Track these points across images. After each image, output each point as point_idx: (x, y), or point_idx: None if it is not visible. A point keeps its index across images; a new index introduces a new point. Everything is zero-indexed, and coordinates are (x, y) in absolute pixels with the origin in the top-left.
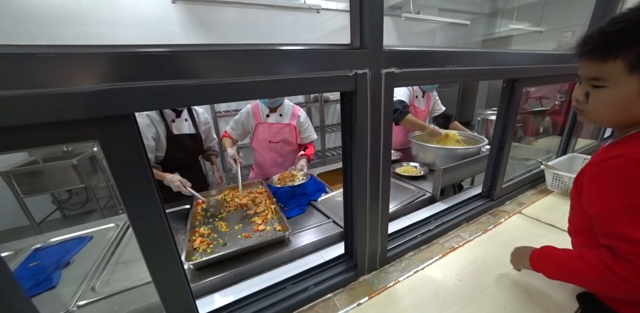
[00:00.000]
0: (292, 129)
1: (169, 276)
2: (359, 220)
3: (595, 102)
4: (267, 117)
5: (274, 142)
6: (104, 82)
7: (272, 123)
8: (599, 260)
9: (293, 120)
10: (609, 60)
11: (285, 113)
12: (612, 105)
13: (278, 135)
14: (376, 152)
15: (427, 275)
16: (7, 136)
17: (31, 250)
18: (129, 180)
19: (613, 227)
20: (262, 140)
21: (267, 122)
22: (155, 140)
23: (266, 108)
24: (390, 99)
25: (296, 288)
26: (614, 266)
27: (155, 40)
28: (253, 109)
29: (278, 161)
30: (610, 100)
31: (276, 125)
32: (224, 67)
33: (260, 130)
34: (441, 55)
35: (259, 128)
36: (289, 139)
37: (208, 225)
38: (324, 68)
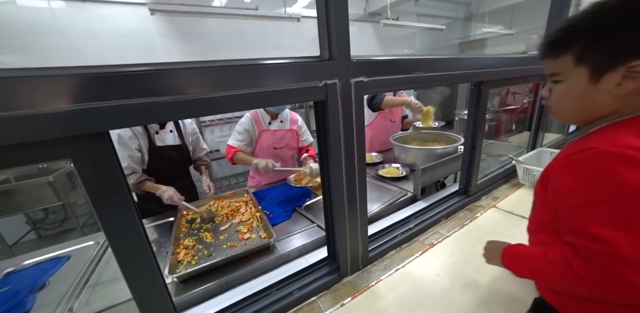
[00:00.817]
0: (294, 133)
1: (150, 293)
2: (338, 223)
3: (555, 96)
4: (269, 124)
5: (279, 148)
6: (74, 103)
7: (276, 130)
8: (560, 258)
9: (294, 125)
10: (560, 55)
11: (285, 119)
12: (568, 98)
13: (282, 141)
14: (350, 157)
15: (408, 272)
16: None
17: (2, 274)
18: (104, 198)
19: (577, 222)
20: (266, 147)
21: (270, 129)
22: (139, 150)
23: (267, 115)
24: (360, 106)
25: (280, 293)
26: (574, 264)
27: (135, 51)
28: (254, 117)
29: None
30: (565, 92)
31: (279, 131)
32: (197, 84)
33: (264, 138)
34: (408, 63)
35: (263, 135)
36: (291, 143)
37: (193, 236)
38: (296, 80)
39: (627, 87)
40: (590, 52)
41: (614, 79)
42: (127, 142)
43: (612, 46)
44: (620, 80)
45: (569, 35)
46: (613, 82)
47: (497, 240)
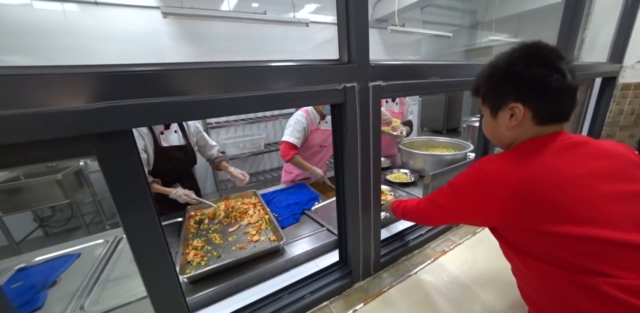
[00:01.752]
0: None
1: (165, 291)
2: (352, 227)
3: (482, 127)
4: (318, 123)
5: (324, 146)
6: (100, 100)
7: (325, 129)
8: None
9: None
10: (477, 97)
11: (329, 120)
12: (486, 129)
13: (328, 140)
14: (366, 160)
15: (420, 279)
16: (7, 154)
17: (14, 270)
18: (126, 195)
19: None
20: (313, 144)
21: (320, 129)
22: (144, 150)
23: (318, 115)
24: (377, 109)
25: (292, 297)
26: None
27: (145, 53)
28: (308, 116)
29: (317, 163)
30: (484, 124)
31: (327, 131)
32: (218, 84)
33: (314, 136)
34: (425, 68)
35: (314, 134)
36: None
37: (201, 237)
38: (314, 82)
39: (513, 121)
40: (486, 97)
41: (505, 116)
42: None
43: (495, 93)
44: (509, 117)
45: (477, 85)
46: (505, 118)
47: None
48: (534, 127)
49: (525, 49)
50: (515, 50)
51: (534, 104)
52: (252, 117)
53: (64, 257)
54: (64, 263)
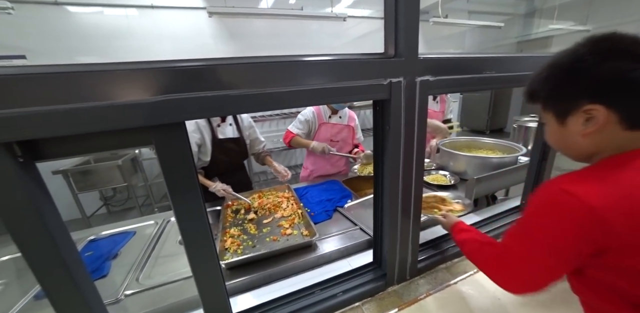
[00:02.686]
0: (351, 129)
1: (207, 273)
2: (389, 229)
3: (545, 137)
4: (329, 117)
5: (335, 141)
6: (160, 94)
7: (335, 123)
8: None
9: (351, 122)
10: (535, 103)
11: (344, 116)
12: (552, 138)
13: (339, 134)
14: (409, 160)
15: (461, 291)
16: (80, 142)
17: (86, 241)
18: (178, 181)
19: None
20: (323, 139)
21: (330, 123)
22: (199, 145)
23: (328, 110)
24: (424, 106)
25: (324, 294)
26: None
27: (191, 51)
28: (316, 110)
29: (333, 160)
30: (549, 134)
31: (338, 125)
32: (262, 78)
33: (323, 130)
34: (478, 61)
35: (322, 127)
36: (347, 139)
37: (238, 226)
38: (358, 77)
39: (591, 127)
40: (548, 102)
41: (578, 121)
42: (189, 135)
43: (560, 97)
44: (583, 121)
45: (532, 90)
46: (578, 123)
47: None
48: (622, 132)
49: (595, 44)
50: (582, 46)
51: (619, 104)
52: (287, 112)
53: (123, 234)
54: (123, 239)
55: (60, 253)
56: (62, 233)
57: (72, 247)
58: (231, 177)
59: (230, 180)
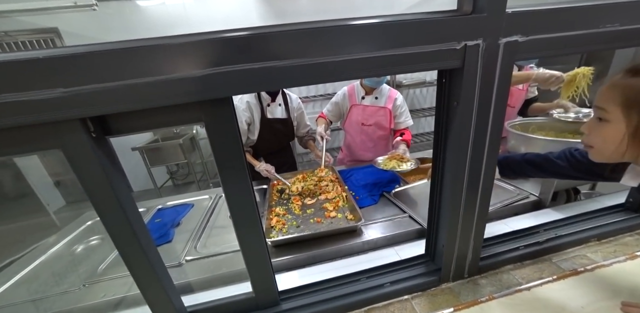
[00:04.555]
0: (387, 112)
1: (254, 248)
2: (448, 219)
3: None
4: (362, 99)
5: (367, 125)
6: (208, 67)
7: (367, 105)
8: None
9: (389, 104)
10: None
11: (381, 96)
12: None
13: (371, 118)
14: (480, 142)
15: (536, 299)
16: (140, 119)
17: (156, 209)
18: (226, 158)
19: None
20: (355, 122)
21: (362, 104)
22: (249, 124)
23: (362, 89)
24: (507, 78)
25: (371, 282)
26: None
27: None
28: (349, 91)
29: (368, 145)
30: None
31: (371, 107)
32: (312, 46)
33: (354, 112)
34: (595, 10)
35: (353, 110)
36: (382, 122)
37: (283, 206)
38: (423, 41)
39: None
40: None
41: None
42: (240, 113)
43: None
44: None
45: None
46: None
47: None
48: None
49: None
50: None
51: None
52: (331, 93)
53: (184, 205)
54: (184, 210)
55: (128, 218)
56: (129, 202)
57: (137, 214)
58: (277, 157)
59: (276, 161)
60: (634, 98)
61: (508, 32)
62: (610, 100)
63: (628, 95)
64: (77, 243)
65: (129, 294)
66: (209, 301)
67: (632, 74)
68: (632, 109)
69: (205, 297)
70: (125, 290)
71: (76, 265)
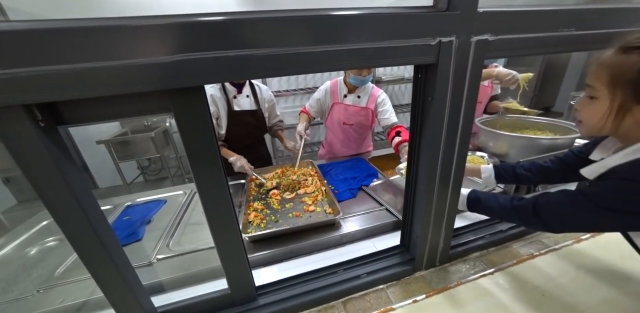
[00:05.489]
0: (369, 113)
1: (229, 244)
2: (422, 211)
3: None
4: (344, 97)
5: (348, 124)
6: (177, 53)
7: (349, 105)
8: None
9: (371, 104)
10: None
11: (364, 94)
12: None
13: (353, 118)
14: (452, 136)
15: (498, 282)
16: (99, 107)
17: (124, 206)
18: (198, 151)
19: None
20: (336, 120)
21: (343, 103)
22: (216, 118)
23: (345, 87)
24: (477, 74)
25: (347, 274)
26: None
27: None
28: (332, 88)
29: (348, 143)
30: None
31: (352, 107)
32: (289, 35)
33: (335, 110)
34: (554, 15)
35: (335, 108)
36: (363, 122)
37: (261, 200)
38: (400, 36)
39: None
40: None
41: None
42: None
43: None
44: None
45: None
46: None
47: None
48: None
49: None
50: None
51: None
52: (312, 87)
53: (156, 201)
54: (156, 206)
55: (87, 217)
56: (88, 199)
57: (98, 212)
58: (250, 152)
59: (249, 155)
60: (619, 76)
61: (479, 31)
62: (598, 78)
63: (614, 73)
64: (30, 246)
65: (92, 298)
66: (182, 300)
67: (622, 51)
68: (617, 86)
69: (178, 295)
70: (87, 293)
71: (28, 270)
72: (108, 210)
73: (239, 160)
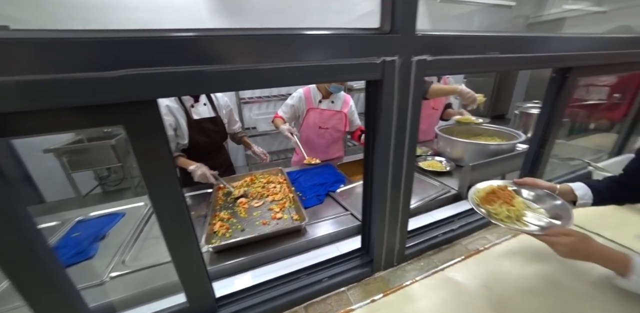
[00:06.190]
0: (343, 116)
1: (187, 258)
2: (378, 215)
3: None
4: (319, 102)
5: (324, 128)
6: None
7: (324, 109)
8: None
9: (345, 108)
10: None
11: (337, 100)
12: None
13: (329, 121)
14: (400, 145)
15: (448, 277)
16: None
17: (74, 221)
18: (152, 165)
19: None
20: (312, 124)
21: (319, 108)
22: (175, 128)
23: (319, 93)
24: (419, 89)
25: (310, 279)
26: None
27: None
28: (305, 94)
29: (324, 147)
30: None
31: (328, 111)
32: (246, 53)
33: (311, 115)
34: (483, 40)
35: (311, 113)
36: (338, 126)
37: (228, 209)
38: (350, 54)
39: None
40: None
41: None
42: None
43: None
44: None
45: None
46: None
47: None
48: None
49: None
50: None
51: None
52: (285, 94)
53: (113, 215)
54: (112, 220)
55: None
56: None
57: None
58: (213, 158)
59: (212, 161)
60: None
61: (419, 52)
62: None
63: None
64: None
65: None
66: None
67: None
68: None
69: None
70: None
71: None
72: (54, 226)
73: (199, 169)
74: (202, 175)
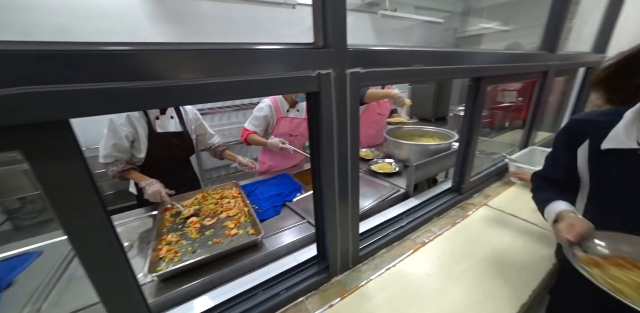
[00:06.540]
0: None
1: (120, 294)
2: (329, 220)
3: None
4: (287, 111)
5: (294, 135)
6: (25, 85)
7: (293, 117)
8: None
9: None
10: None
11: (301, 109)
12: None
13: (297, 129)
14: (343, 152)
15: (399, 272)
16: None
17: None
18: (63, 196)
19: None
20: (282, 133)
21: (288, 117)
22: (132, 140)
23: (286, 103)
24: (355, 99)
25: (267, 294)
26: None
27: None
28: (273, 104)
29: (290, 154)
30: None
31: (297, 119)
32: (181, 68)
33: (282, 124)
34: (407, 54)
35: (281, 122)
36: (305, 132)
37: (177, 231)
38: (288, 68)
39: None
40: None
41: None
42: (118, 128)
43: None
44: None
45: None
46: None
47: None
48: None
49: None
50: None
51: None
52: (239, 104)
53: (24, 255)
54: (22, 262)
55: None
56: None
57: None
58: (175, 175)
59: (174, 179)
60: None
61: (352, 65)
62: None
63: None
64: None
65: None
66: None
67: None
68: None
69: None
70: None
71: None
72: None
73: (152, 186)
74: (156, 192)
